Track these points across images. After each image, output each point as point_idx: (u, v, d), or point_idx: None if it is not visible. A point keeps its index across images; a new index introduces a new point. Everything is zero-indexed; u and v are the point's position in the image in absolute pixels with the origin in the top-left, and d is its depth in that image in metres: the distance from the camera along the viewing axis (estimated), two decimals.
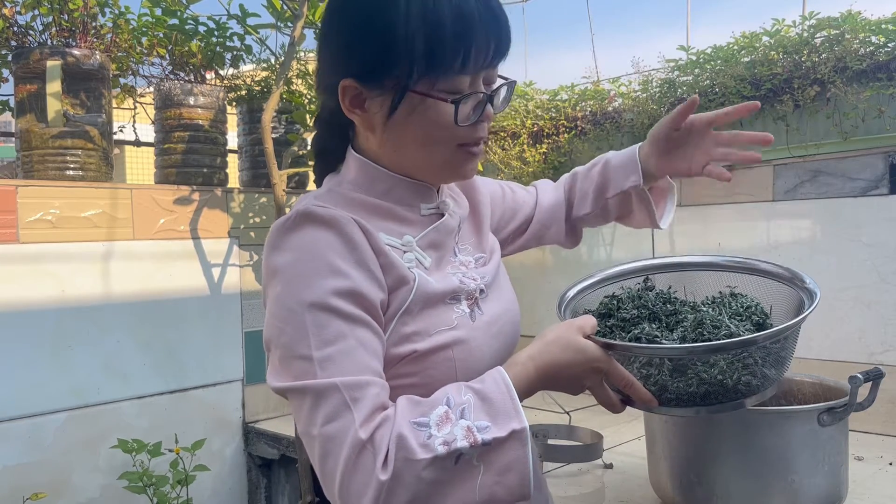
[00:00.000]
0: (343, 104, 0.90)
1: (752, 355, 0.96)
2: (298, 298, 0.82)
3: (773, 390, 1.03)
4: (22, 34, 2.32)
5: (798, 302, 1.08)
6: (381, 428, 0.78)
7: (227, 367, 2.51)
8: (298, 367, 0.81)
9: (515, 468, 0.78)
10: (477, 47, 0.86)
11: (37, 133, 2.23)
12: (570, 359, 0.88)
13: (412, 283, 0.89)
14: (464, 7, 0.85)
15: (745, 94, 2.09)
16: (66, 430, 2.16)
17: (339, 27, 0.91)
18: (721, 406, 0.99)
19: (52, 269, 2.14)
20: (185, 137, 2.53)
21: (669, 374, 0.95)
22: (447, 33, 0.85)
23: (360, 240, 0.86)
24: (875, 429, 1.95)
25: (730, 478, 1.34)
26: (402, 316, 0.88)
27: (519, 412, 0.80)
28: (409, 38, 0.85)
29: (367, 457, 0.76)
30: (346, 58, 0.89)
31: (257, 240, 2.59)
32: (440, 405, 0.80)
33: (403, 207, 0.95)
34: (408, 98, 0.88)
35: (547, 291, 2.68)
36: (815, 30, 2.04)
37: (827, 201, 2.04)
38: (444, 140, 0.91)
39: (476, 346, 0.93)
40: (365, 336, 0.83)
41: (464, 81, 0.88)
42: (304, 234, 0.86)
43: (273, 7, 2.30)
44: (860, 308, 1.98)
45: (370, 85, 0.89)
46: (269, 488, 2.60)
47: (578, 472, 1.77)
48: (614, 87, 2.64)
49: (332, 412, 0.78)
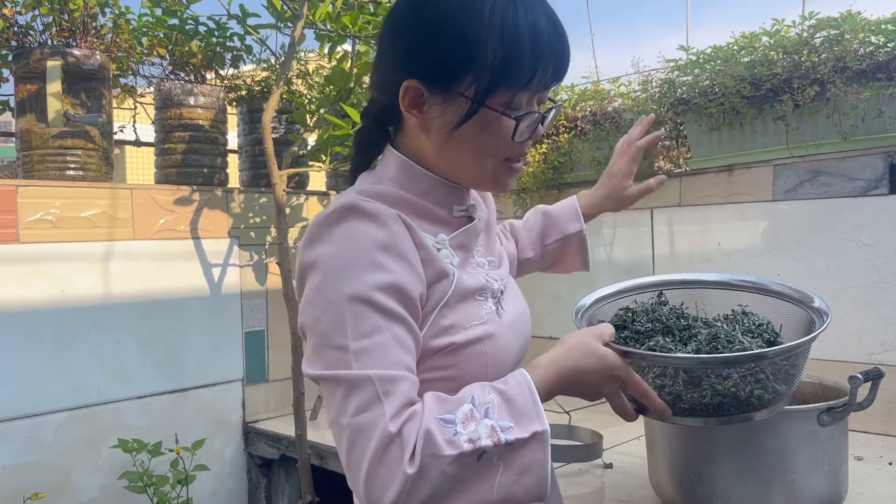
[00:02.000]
0: (402, 103, 0.90)
1: (764, 370, 0.99)
2: (339, 289, 0.83)
3: (782, 405, 1.06)
4: (22, 34, 2.32)
5: (808, 321, 1.13)
6: (410, 422, 0.79)
7: (227, 367, 2.51)
8: (333, 356, 0.82)
9: (534, 469, 0.80)
10: (543, 67, 0.88)
11: (37, 133, 2.23)
12: (591, 365, 0.90)
13: (452, 277, 0.91)
14: (538, 25, 0.86)
15: (744, 94, 2.09)
16: (66, 430, 2.16)
17: (412, 26, 0.90)
18: (730, 418, 1.01)
19: (52, 269, 2.14)
20: (186, 137, 2.53)
21: (684, 385, 0.98)
22: (524, 50, 0.86)
23: (403, 234, 0.87)
24: (875, 429, 1.95)
25: (729, 478, 1.34)
26: (441, 308, 0.90)
27: (541, 414, 0.81)
28: (488, 50, 0.85)
29: (394, 450, 0.77)
30: (415, 58, 0.89)
31: (257, 240, 2.59)
32: (465, 403, 0.81)
33: (439, 208, 0.97)
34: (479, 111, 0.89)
35: (546, 294, 2.68)
36: (814, 30, 2.04)
37: (827, 201, 2.04)
38: (496, 153, 0.93)
39: (504, 341, 0.95)
40: (400, 333, 0.84)
41: (523, 98, 0.90)
42: (349, 226, 0.86)
43: (273, 7, 2.30)
44: (860, 308, 1.98)
45: (436, 89, 0.89)
46: (269, 488, 2.60)
47: (578, 471, 1.77)
48: (614, 88, 2.64)
49: (363, 403, 0.79)
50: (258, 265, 2.59)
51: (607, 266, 2.53)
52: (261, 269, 2.60)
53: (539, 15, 0.87)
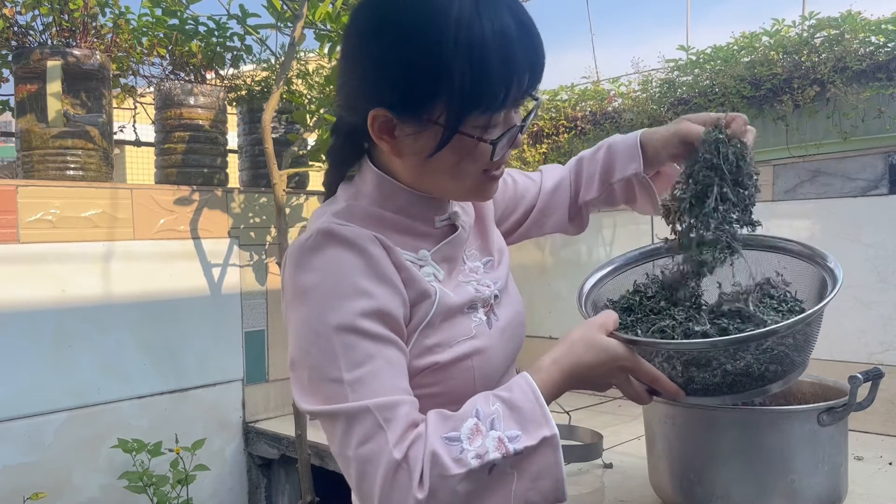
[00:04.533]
0: (371, 131, 0.87)
1: (780, 343, 0.96)
2: (325, 321, 0.82)
3: (798, 373, 1.03)
4: (22, 34, 2.32)
5: (820, 281, 1.07)
6: (415, 446, 0.78)
7: (227, 367, 2.51)
8: (329, 389, 0.81)
9: (548, 473, 0.79)
10: (518, 80, 0.83)
11: (37, 133, 2.23)
12: (595, 358, 0.89)
13: (434, 297, 0.90)
14: (506, 33, 0.81)
15: (744, 94, 2.09)
16: (66, 430, 2.16)
17: (374, 50, 0.85)
18: (748, 394, 0.99)
19: (52, 269, 2.14)
20: (186, 137, 2.53)
21: (696, 367, 0.95)
22: (493, 69, 0.81)
23: (381, 257, 0.86)
24: (875, 429, 1.95)
25: (729, 477, 1.34)
26: (424, 329, 0.89)
27: (548, 418, 0.81)
28: (454, 74, 0.80)
29: (403, 476, 0.77)
30: (381, 87, 0.84)
31: (257, 240, 2.59)
32: (470, 417, 0.81)
33: (419, 222, 0.95)
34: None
35: (546, 292, 2.68)
36: (814, 30, 2.04)
37: (827, 201, 2.04)
38: (473, 171, 0.89)
39: (493, 353, 0.94)
40: (392, 355, 0.83)
41: (499, 116, 0.86)
42: (327, 254, 0.85)
43: (273, 7, 2.30)
44: (860, 308, 1.98)
45: (406, 117, 0.85)
46: (269, 488, 2.60)
47: (578, 471, 1.77)
48: (614, 88, 2.64)
49: (365, 434, 0.79)
50: (258, 265, 2.59)
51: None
52: (261, 269, 2.60)
53: (506, 19, 0.81)
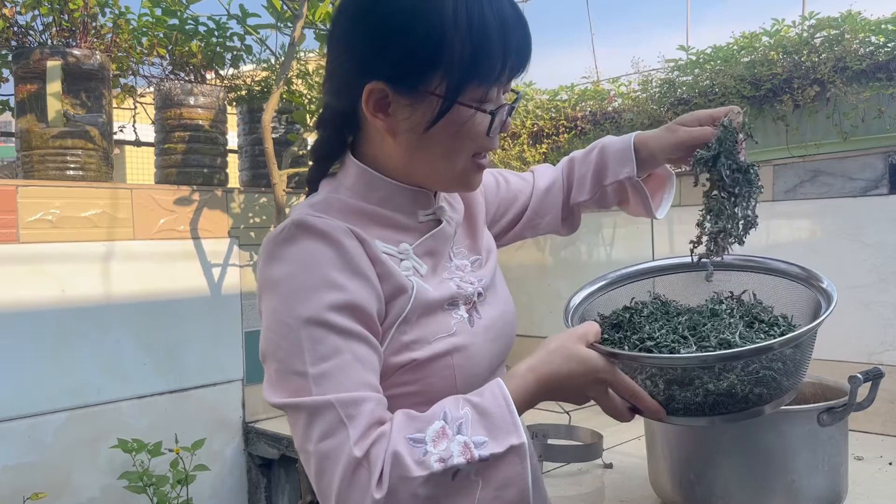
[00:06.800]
0: (366, 108, 0.86)
1: (767, 365, 0.91)
2: (294, 313, 0.81)
3: (790, 396, 0.99)
4: (22, 34, 2.32)
5: (815, 304, 1.05)
6: (377, 445, 0.76)
7: (227, 367, 2.51)
8: (294, 382, 0.80)
9: (514, 483, 0.76)
10: (513, 58, 0.84)
11: (37, 133, 2.23)
12: (572, 370, 0.85)
13: (410, 292, 0.88)
14: (504, 15, 0.83)
15: (744, 94, 2.09)
16: (66, 430, 2.16)
17: (371, 24, 0.85)
18: (736, 415, 0.94)
19: (52, 269, 2.14)
20: (186, 137, 2.53)
21: (678, 385, 0.90)
22: (493, 41, 0.82)
23: (355, 250, 0.85)
24: (875, 429, 1.95)
25: (729, 478, 1.34)
26: (400, 325, 0.87)
27: (518, 426, 0.78)
28: (456, 44, 0.81)
29: (362, 475, 0.75)
30: (378, 59, 0.84)
31: (257, 240, 2.59)
32: (437, 420, 0.78)
33: (401, 214, 0.93)
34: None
35: (546, 292, 2.68)
36: (814, 30, 2.04)
37: (827, 201, 2.04)
38: (467, 150, 0.89)
39: (475, 351, 0.92)
40: (361, 351, 0.82)
41: (493, 92, 0.86)
42: (299, 245, 0.84)
43: (273, 7, 2.30)
44: (859, 308, 1.98)
45: (402, 90, 0.85)
46: (269, 488, 2.60)
47: (578, 471, 1.77)
48: (614, 88, 2.64)
49: (326, 429, 0.77)
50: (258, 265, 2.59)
51: (607, 266, 2.53)
52: None
53: (504, 4, 0.84)
